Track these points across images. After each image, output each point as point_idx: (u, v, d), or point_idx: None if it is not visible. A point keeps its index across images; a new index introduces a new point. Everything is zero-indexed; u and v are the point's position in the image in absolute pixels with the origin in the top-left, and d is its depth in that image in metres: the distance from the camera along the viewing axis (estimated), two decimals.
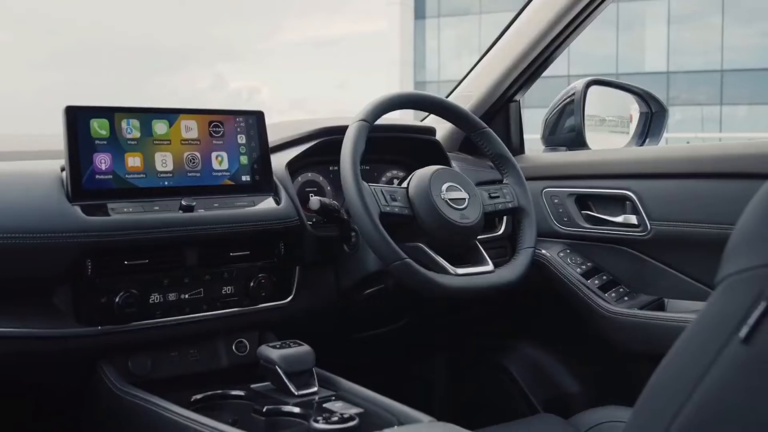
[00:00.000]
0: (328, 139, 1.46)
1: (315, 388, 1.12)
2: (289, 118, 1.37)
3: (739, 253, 0.62)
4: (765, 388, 0.56)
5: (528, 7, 1.71)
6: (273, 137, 1.40)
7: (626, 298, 1.58)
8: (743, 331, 0.57)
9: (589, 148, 1.77)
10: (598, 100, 1.87)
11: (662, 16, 18.94)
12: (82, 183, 1.13)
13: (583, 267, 1.64)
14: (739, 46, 18.23)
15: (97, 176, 1.15)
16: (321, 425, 0.97)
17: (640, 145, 1.86)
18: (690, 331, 0.64)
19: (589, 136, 1.80)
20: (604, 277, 1.63)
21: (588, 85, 1.78)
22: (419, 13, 22.32)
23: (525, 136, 1.91)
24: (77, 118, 1.14)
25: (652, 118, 1.86)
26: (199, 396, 1.14)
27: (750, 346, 0.57)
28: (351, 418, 0.98)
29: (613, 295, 1.58)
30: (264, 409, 1.08)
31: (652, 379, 0.65)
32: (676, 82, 19.01)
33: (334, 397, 1.10)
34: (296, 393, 1.10)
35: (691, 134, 16.22)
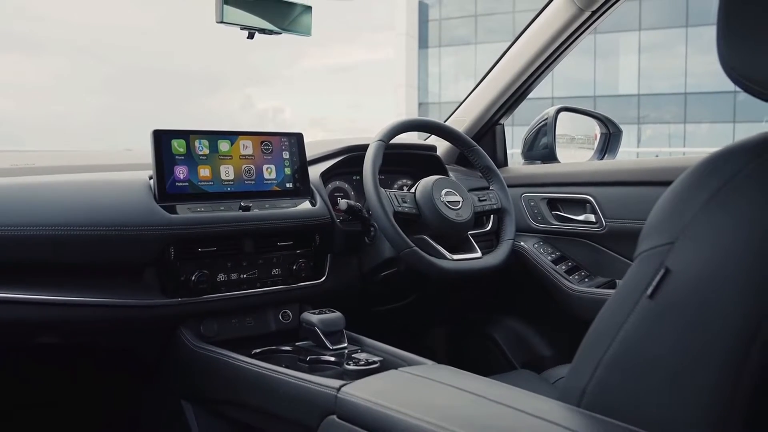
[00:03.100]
0: (353, 155, 1.53)
1: (345, 344, 1.19)
2: (308, 134, 1.46)
3: (648, 236, 0.74)
4: (664, 330, 0.70)
5: (509, 50, 1.76)
6: (309, 153, 1.46)
7: (586, 280, 1.63)
8: (649, 290, 0.70)
9: (559, 162, 1.82)
10: (571, 123, 1.90)
11: (634, 46, 18.74)
12: (166, 189, 1.22)
13: (553, 255, 1.69)
14: (700, 72, 18.00)
15: (176, 183, 1.23)
16: (351, 367, 1.06)
17: (600, 159, 1.90)
18: (615, 294, 0.76)
19: (561, 151, 1.84)
20: (570, 264, 1.68)
21: (558, 111, 1.83)
22: (423, 43, 21.99)
23: (511, 151, 1.95)
24: (162, 139, 1.23)
25: (610, 138, 1.89)
26: (257, 350, 1.22)
27: (653, 300, 0.70)
28: (374, 363, 1.07)
29: (576, 277, 1.64)
30: (307, 358, 1.16)
31: (588, 331, 0.77)
32: (646, 103, 18.72)
33: (359, 350, 1.17)
34: (331, 348, 1.17)
35: (658, 149, 16.11)
